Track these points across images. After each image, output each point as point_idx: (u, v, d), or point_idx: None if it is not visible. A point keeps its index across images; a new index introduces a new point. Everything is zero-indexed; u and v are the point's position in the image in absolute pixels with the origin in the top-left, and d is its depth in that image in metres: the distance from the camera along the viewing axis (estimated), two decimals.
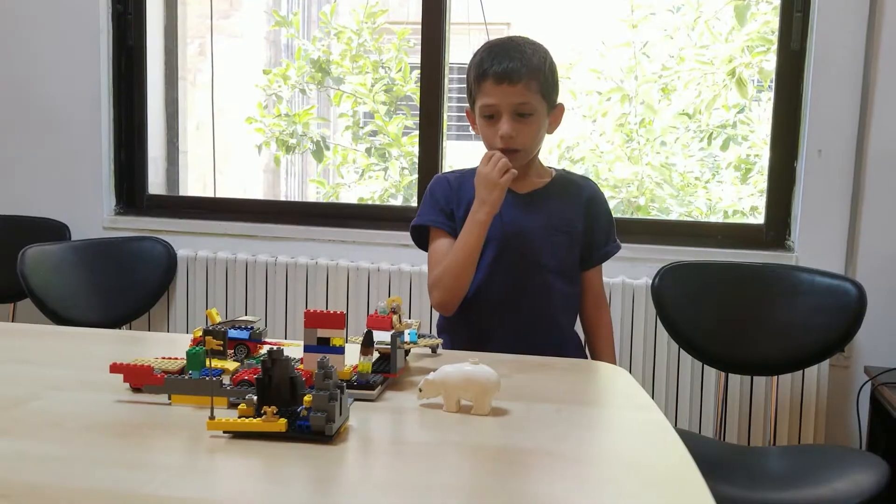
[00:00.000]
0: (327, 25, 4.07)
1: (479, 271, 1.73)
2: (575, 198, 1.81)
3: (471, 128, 1.82)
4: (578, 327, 1.88)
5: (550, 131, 1.79)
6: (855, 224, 2.48)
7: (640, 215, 3.57)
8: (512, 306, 1.76)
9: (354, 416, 1.14)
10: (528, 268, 1.76)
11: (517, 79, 1.66)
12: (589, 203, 1.82)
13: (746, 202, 3.58)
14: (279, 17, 4.24)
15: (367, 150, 4.02)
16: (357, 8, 4.06)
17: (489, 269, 1.75)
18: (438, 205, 1.80)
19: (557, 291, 1.78)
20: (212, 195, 4.00)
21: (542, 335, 1.74)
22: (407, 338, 1.40)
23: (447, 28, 2.78)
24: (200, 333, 1.35)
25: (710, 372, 2.51)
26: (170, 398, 1.18)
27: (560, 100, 1.79)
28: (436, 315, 2.62)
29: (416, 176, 2.92)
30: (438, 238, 1.79)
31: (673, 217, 3.61)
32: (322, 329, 1.23)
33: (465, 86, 1.80)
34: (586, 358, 1.85)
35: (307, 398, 1.05)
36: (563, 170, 1.88)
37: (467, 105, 1.81)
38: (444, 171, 1.89)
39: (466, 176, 1.81)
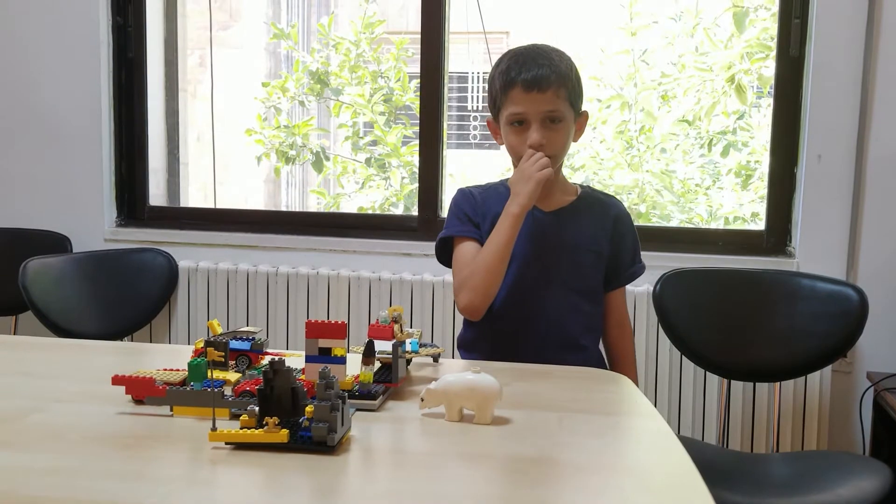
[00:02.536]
0: (325, 37, 4.07)
1: (502, 289, 1.71)
2: (602, 217, 1.79)
3: (493, 138, 1.81)
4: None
5: (575, 139, 1.78)
6: (855, 229, 2.48)
7: (640, 222, 3.56)
8: (535, 325, 1.73)
9: (356, 427, 1.14)
10: (552, 287, 1.74)
11: (547, 86, 1.65)
12: (616, 223, 1.80)
13: (747, 208, 3.57)
14: (277, 30, 4.25)
15: (367, 161, 4.03)
16: (355, 19, 4.07)
17: (512, 286, 1.72)
18: (466, 215, 1.78)
19: (581, 312, 1.76)
20: (213, 206, 4.00)
21: (565, 356, 1.70)
22: (408, 347, 1.40)
23: (446, 37, 2.78)
24: (202, 344, 1.35)
25: (713, 379, 2.51)
26: (172, 410, 1.18)
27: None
28: (438, 324, 2.64)
29: (416, 185, 2.92)
30: (465, 243, 1.76)
31: (674, 224, 3.61)
32: (323, 339, 1.23)
33: (465, 94, 1.80)
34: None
35: (309, 409, 1.05)
36: (589, 187, 1.87)
37: (489, 115, 1.80)
38: (468, 186, 1.86)
39: (490, 191, 1.80)
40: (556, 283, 1.74)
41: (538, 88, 1.65)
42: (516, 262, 1.72)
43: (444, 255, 1.83)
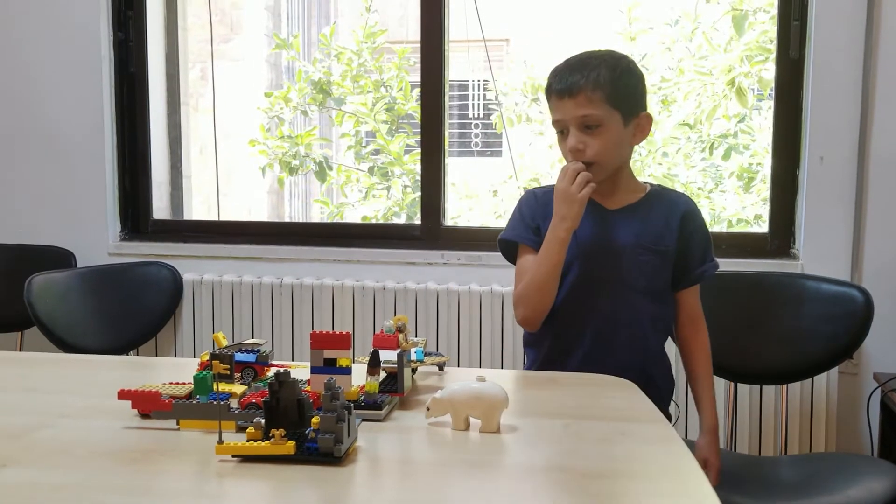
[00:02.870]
0: (327, 47, 4.09)
1: (564, 287, 1.71)
2: (668, 214, 1.76)
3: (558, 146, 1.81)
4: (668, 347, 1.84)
5: (636, 142, 1.76)
6: (859, 230, 2.48)
7: None
8: (595, 325, 1.72)
9: (363, 437, 1.14)
10: (614, 287, 1.72)
11: (577, 91, 1.65)
12: (684, 220, 1.76)
13: (750, 211, 3.57)
14: (279, 40, 4.26)
15: (370, 170, 4.04)
16: (356, 29, 4.08)
17: (574, 286, 1.72)
18: (525, 220, 1.78)
19: (646, 312, 1.74)
20: (216, 218, 4.01)
21: (629, 356, 1.71)
22: (413, 356, 1.40)
23: (446, 46, 2.79)
24: (207, 357, 1.36)
25: (720, 382, 2.49)
26: (178, 423, 1.18)
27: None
28: (443, 332, 2.64)
29: (418, 194, 2.93)
30: (524, 254, 1.77)
31: None
32: (328, 350, 1.23)
33: (466, 102, 1.80)
34: (673, 384, 1.82)
35: (315, 420, 1.05)
36: (660, 185, 1.84)
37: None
38: (534, 187, 1.88)
39: (553, 192, 1.80)
40: (617, 282, 1.73)
41: (568, 94, 1.66)
42: (577, 262, 1.71)
43: (507, 252, 1.84)
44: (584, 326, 1.73)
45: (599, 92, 1.66)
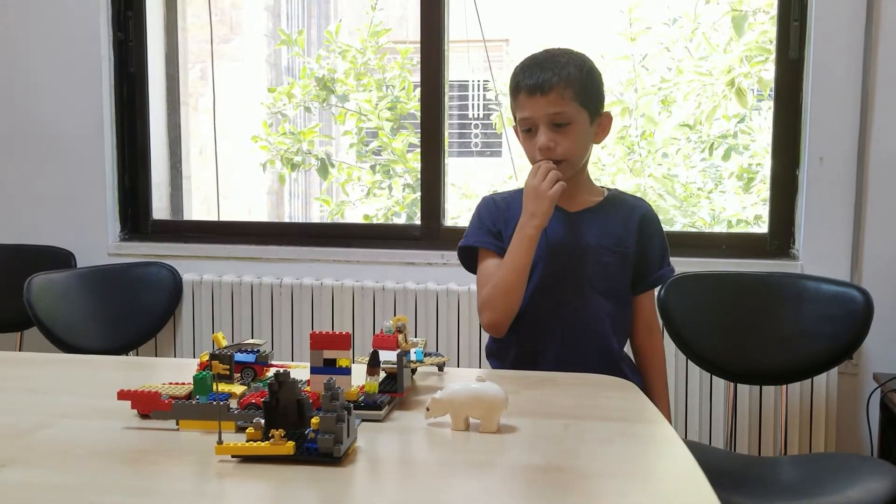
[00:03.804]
0: (332, 44, 4.09)
1: (528, 287, 1.70)
2: (627, 218, 1.77)
3: (521, 145, 1.81)
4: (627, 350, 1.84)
5: (598, 141, 1.77)
6: (859, 230, 2.48)
7: None
8: (561, 328, 1.72)
9: (362, 437, 1.14)
10: (577, 288, 1.73)
11: (549, 88, 1.65)
12: (642, 223, 1.78)
13: (750, 211, 3.57)
14: (285, 36, 4.26)
15: (372, 167, 4.04)
16: (361, 27, 4.09)
17: (538, 289, 1.72)
18: (485, 225, 1.78)
19: (608, 313, 1.75)
20: (216, 219, 4.01)
21: (594, 357, 1.70)
22: (413, 357, 1.40)
23: (446, 46, 2.79)
24: (207, 358, 1.36)
25: (719, 382, 2.51)
26: (178, 424, 1.18)
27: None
28: (443, 333, 2.64)
29: (419, 194, 2.93)
30: (486, 258, 1.76)
31: (677, 228, 3.61)
32: (328, 350, 1.23)
33: (466, 102, 1.80)
34: (642, 381, 1.81)
35: (315, 420, 1.05)
36: (617, 189, 1.86)
37: (515, 123, 1.80)
38: (492, 194, 1.87)
39: (514, 197, 1.79)
40: (580, 284, 1.73)
41: (540, 91, 1.66)
42: (541, 263, 1.71)
43: (466, 260, 1.83)
44: (551, 327, 1.73)
45: (570, 90, 1.67)
